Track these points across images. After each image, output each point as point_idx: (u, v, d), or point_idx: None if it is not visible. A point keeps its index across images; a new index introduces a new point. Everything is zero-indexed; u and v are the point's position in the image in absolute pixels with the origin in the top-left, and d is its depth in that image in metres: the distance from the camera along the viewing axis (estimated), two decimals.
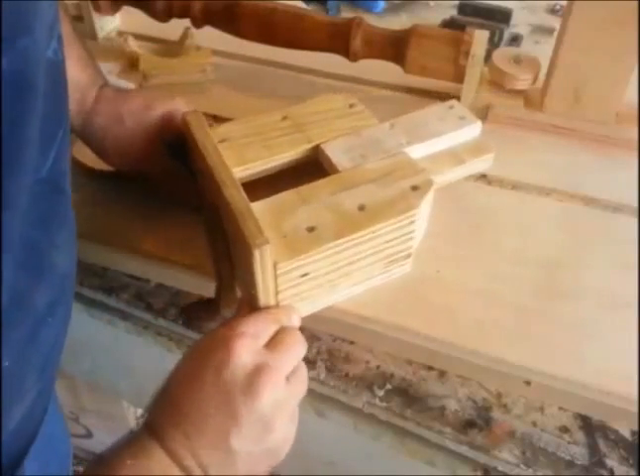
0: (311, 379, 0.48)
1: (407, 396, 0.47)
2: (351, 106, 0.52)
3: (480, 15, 0.82)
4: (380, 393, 0.47)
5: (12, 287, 0.28)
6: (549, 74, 0.62)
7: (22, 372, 0.33)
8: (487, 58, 0.64)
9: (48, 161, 0.33)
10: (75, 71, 0.47)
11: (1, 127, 0.25)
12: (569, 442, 0.44)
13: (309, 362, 0.49)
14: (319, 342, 0.50)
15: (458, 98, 0.60)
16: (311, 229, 0.42)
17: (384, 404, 0.47)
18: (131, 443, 0.35)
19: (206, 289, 0.49)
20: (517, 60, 0.65)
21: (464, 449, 0.45)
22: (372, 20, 0.65)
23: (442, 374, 0.48)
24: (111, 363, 0.68)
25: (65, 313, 0.39)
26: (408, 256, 0.47)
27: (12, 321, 0.30)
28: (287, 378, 0.37)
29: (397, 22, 0.84)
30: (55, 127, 0.34)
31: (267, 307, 0.41)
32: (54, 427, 0.52)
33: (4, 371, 0.29)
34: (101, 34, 0.79)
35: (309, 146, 0.49)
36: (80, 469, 1.29)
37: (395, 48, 0.63)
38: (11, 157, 0.26)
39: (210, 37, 0.71)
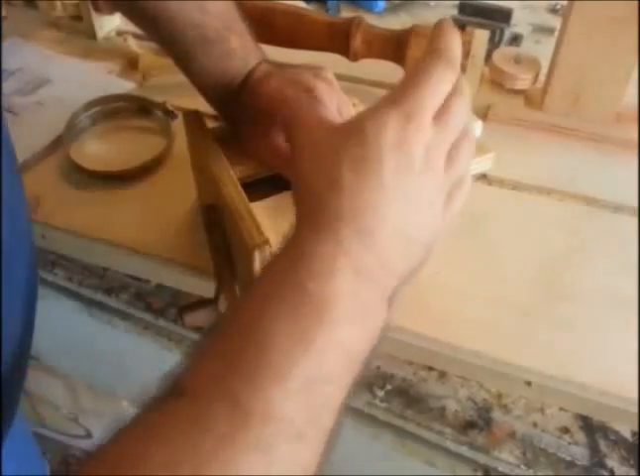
0: None
1: (407, 396, 0.47)
2: (352, 106, 0.52)
3: (481, 15, 0.82)
4: (381, 393, 0.47)
5: None
6: (549, 74, 0.61)
7: None
8: (488, 57, 0.64)
9: None
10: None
11: None
12: (569, 443, 0.44)
13: None
14: None
15: None
16: None
17: (385, 404, 0.47)
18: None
19: (206, 289, 0.48)
20: (518, 60, 0.65)
21: (464, 450, 0.45)
22: (372, 20, 0.65)
23: (442, 374, 0.48)
24: (111, 363, 0.67)
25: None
26: None
27: None
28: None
29: (397, 22, 0.84)
30: None
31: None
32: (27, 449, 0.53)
33: None
34: (100, 34, 0.79)
35: None
36: None
37: (395, 47, 0.63)
38: None
39: None
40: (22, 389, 0.43)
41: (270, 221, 0.42)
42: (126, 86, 0.71)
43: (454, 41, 0.31)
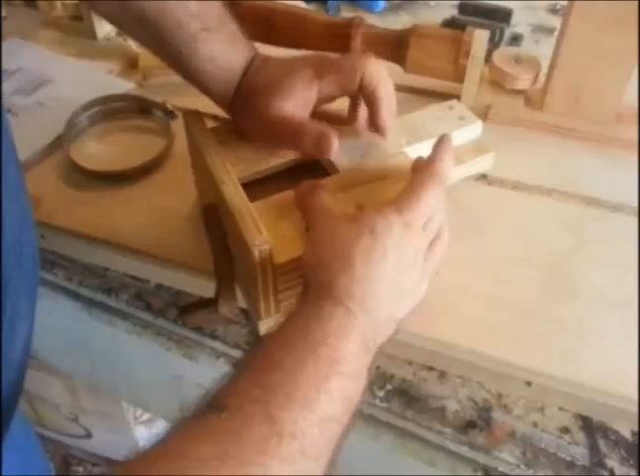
0: None
1: (408, 396, 0.47)
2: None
3: (481, 14, 0.82)
4: (381, 393, 0.47)
5: None
6: (549, 74, 0.61)
7: None
8: (488, 57, 0.64)
9: None
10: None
11: None
12: (569, 443, 0.44)
13: None
14: None
15: (458, 98, 0.60)
16: None
17: (385, 404, 0.47)
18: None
19: (206, 289, 0.49)
20: (518, 60, 0.65)
21: (464, 450, 0.45)
22: (372, 20, 0.65)
23: (442, 374, 0.48)
24: (110, 363, 0.67)
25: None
26: None
27: None
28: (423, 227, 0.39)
29: (398, 22, 0.84)
30: None
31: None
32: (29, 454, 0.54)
33: None
34: (100, 33, 0.79)
35: None
36: (80, 469, 1.29)
37: (395, 47, 0.63)
38: None
39: None
40: (21, 389, 0.43)
41: (270, 221, 0.42)
42: (126, 86, 0.71)
43: (448, 162, 0.41)
